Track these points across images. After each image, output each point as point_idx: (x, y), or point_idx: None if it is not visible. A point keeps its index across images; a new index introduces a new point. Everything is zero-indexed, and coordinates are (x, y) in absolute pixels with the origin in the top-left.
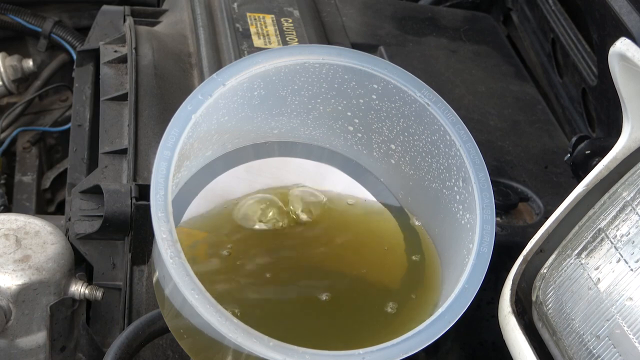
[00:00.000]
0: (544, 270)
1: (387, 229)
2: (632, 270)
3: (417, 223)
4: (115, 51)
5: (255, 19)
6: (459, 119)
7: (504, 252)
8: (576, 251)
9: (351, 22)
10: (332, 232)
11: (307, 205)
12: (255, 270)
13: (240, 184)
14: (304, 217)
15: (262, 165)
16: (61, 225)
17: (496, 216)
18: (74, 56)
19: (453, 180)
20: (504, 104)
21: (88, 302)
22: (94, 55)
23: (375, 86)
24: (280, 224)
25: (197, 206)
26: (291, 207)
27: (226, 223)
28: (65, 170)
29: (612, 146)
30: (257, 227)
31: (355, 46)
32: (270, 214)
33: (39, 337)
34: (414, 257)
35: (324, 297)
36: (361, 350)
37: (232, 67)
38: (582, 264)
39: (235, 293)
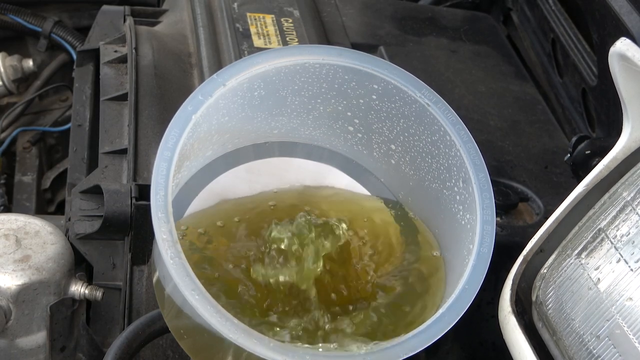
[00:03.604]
0: (544, 270)
1: (387, 229)
2: (632, 270)
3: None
4: (115, 51)
5: (255, 19)
6: (459, 119)
7: (504, 252)
8: (576, 251)
9: (351, 22)
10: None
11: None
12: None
13: (240, 184)
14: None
15: (262, 166)
16: (61, 225)
17: (496, 216)
18: (74, 56)
19: (453, 181)
20: (504, 104)
21: (88, 302)
22: (94, 55)
23: (376, 86)
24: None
25: (198, 206)
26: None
27: (226, 222)
28: (65, 170)
29: (612, 146)
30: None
31: (355, 46)
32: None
33: (39, 337)
34: (414, 258)
35: (324, 297)
36: (362, 350)
37: (232, 68)
38: (582, 264)
39: (233, 291)
